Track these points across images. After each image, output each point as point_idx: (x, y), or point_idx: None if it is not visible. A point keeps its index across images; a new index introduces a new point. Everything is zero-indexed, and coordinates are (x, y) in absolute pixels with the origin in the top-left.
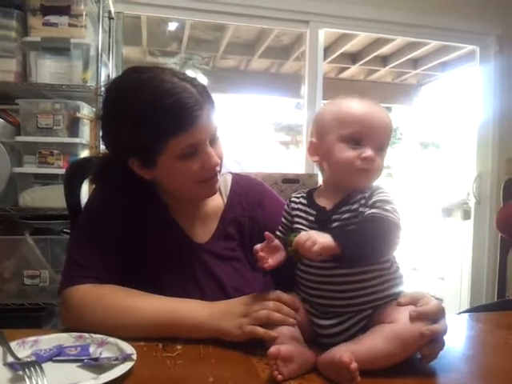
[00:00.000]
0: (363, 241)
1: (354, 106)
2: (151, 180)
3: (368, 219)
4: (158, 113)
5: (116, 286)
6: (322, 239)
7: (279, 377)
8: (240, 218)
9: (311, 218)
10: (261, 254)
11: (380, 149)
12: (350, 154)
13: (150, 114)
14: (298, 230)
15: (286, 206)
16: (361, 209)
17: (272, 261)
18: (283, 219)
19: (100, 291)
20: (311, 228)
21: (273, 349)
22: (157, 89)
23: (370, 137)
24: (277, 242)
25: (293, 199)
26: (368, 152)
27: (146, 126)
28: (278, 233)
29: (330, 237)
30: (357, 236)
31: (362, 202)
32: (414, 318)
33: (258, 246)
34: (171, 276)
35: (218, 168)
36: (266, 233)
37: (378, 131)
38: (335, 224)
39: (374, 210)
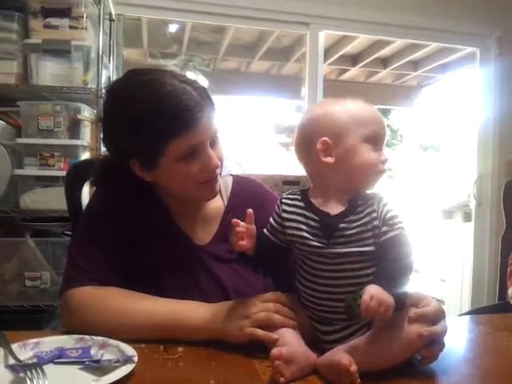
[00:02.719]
0: (404, 271)
1: (367, 106)
2: (152, 182)
3: (396, 242)
4: (159, 114)
5: (117, 288)
6: (391, 302)
7: (281, 379)
8: (241, 220)
9: (314, 224)
10: (239, 229)
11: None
12: (374, 155)
13: (151, 115)
14: (361, 287)
15: (276, 207)
16: (375, 222)
17: (247, 242)
18: (272, 220)
19: (101, 293)
20: (314, 235)
21: (274, 351)
22: (157, 91)
23: (383, 138)
24: (253, 227)
25: (284, 201)
26: (386, 154)
27: (147, 128)
28: (265, 231)
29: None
30: (398, 271)
31: (374, 215)
32: (412, 320)
33: (237, 220)
34: (172, 278)
35: (218, 170)
36: (249, 210)
37: (386, 133)
38: (345, 234)
39: (396, 232)
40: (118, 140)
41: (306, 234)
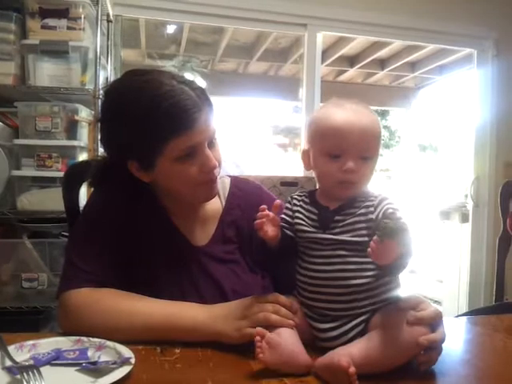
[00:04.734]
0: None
1: (334, 118)
2: (150, 183)
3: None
4: (157, 115)
5: (114, 290)
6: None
7: (260, 355)
8: (239, 221)
9: (313, 217)
10: (262, 213)
11: (364, 157)
12: (330, 167)
13: (149, 116)
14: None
15: (287, 203)
16: (370, 216)
17: (271, 231)
18: (284, 215)
19: (98, 295)
20: (312, 227)
21: (259, 329)
22: (155, 91)
23: (349, 148)
24: (278, 217)
25: (295, 196)
26: (349, 164)
27: (145, 128)
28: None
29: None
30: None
31: (371, 209)
32: (411, 324)
33: (264, 206)
34: (170, 279)
35: (216, 171)
36: (278, 201)
37: (358, 141)
38: (339, 225)
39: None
40: (116, 140)
41: (306, 225)
